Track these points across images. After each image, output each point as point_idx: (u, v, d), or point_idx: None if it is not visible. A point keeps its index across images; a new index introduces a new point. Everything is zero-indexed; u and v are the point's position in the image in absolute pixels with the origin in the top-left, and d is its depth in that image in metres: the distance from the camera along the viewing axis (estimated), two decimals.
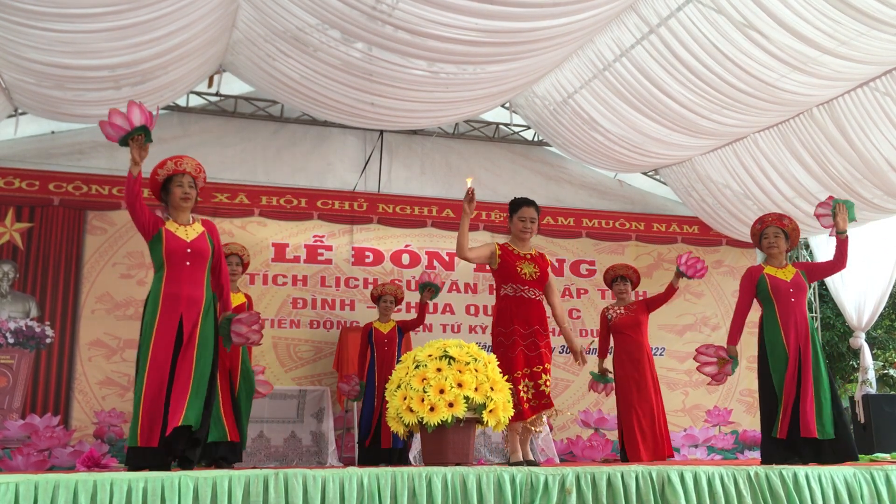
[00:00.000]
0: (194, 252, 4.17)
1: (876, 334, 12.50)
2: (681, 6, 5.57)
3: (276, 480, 3.17)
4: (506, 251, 4.83)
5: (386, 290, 6.74)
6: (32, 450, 6.55)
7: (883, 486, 4.01)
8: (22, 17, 4.72)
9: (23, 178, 7.07)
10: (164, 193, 4.28)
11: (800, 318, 4.85)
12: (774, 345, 4.83)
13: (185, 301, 4.09)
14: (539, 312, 4.76)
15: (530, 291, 4.74)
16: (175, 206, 4.25)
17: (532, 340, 4.65)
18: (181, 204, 4.25)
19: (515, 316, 4.68)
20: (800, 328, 4.83)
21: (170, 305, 4.06)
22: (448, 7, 5.21)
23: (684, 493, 3.65)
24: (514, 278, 4.74)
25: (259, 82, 6.82)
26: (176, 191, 4.24)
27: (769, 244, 5.04)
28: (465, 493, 3.39)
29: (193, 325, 4.06)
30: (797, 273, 4.99)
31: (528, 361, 4.62)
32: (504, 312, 4.74)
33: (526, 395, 4.55)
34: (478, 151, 8.52)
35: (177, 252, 4.14)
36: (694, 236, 8.92)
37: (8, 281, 6.89)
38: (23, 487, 2.87)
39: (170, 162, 4.26)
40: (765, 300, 4.94)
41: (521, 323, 4.67)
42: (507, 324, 4.68)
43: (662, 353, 8.46)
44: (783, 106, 6.45)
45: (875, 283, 8.59)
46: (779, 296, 4.88)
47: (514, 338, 4.63)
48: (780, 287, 4.90)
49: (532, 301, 4.75)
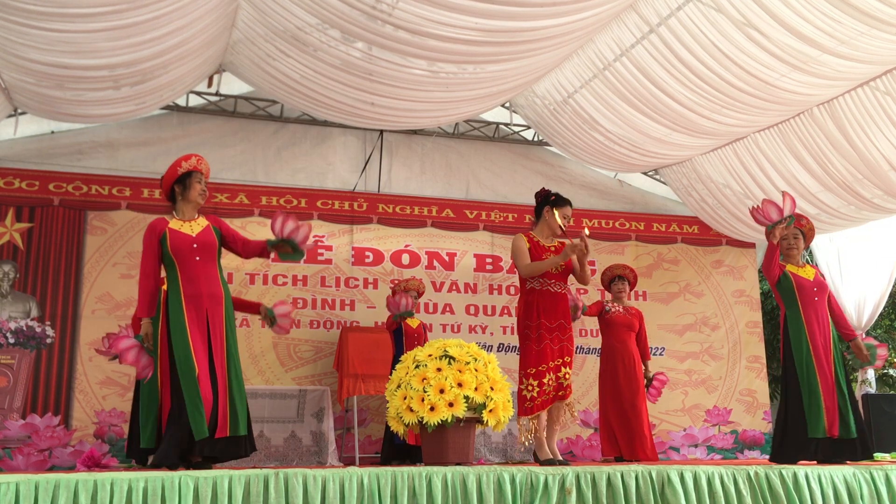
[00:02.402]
0: (201, 246, 4.18)
1: (876, 334, 12.48)
2: (681, 6, 5.57)
3: (277, 480, 3.18)
4: (533, 243, 4.81)
5: (410, 286, 6.88)
6: (33, 450, 6.56)
7: (883, 486, 4.01)
8: (22, 17, 4.71)
9: (23, 178, 7.07)
10: (180, 187, 4.27)
11: (822, 317, 4.90)
12: (800, 344, 4.85)
13: (207, 299, 4.12)
14: (564, 306, 4.77)
15: (556, 285, 4.74)
16: (191, 201, 4.27)
17: (557, 334, 4.66)
18: (198, 200, 4.28)
19: (543, 310, 4.68)
20: (824, 328, 4.87)
21: (193, 307, 4.08)
22: (448, 7, 5.21)
23: (684, 492, 3.66)
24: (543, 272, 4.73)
25: (259, 82, 6.81)
26: (196, 186, 4.27)
27: (789, 245, 5.06)
28: (465, 492, 3.39)
29: (221, 330, 4.10)
30: (817, 272, 5.05)
31: (553, 354, 4.63)
32: (531, 306, 4.73)
33: (548, 389, 4.57)
34: (478, 151, 8.52)
35: (183, 248, 4.15)
36: (694, 236, 8.92)
37: (8, 281, 6.89)
38: (23, 487, 2.87)
39: (193, 158, 4.29)
40: (789, 299, 4.95)
41: (548, 317, 4.67)
42: (535, 318, 4.67)
43: (662, 353, 8.46)
44: (783, 105, 6.45)
45: (875, 283, 8.59)
46: (803, 295, 4.91)
47: (541, 331, 4.63)
48: (805, 286, 4.93)
49: (558, 294, 4.75)
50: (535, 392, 4.51)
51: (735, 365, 8.69)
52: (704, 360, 8.63)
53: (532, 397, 4.52)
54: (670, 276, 8.72)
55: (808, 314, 4.87)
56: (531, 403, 4.52)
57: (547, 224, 4.87)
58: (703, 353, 8.63)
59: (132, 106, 6.40)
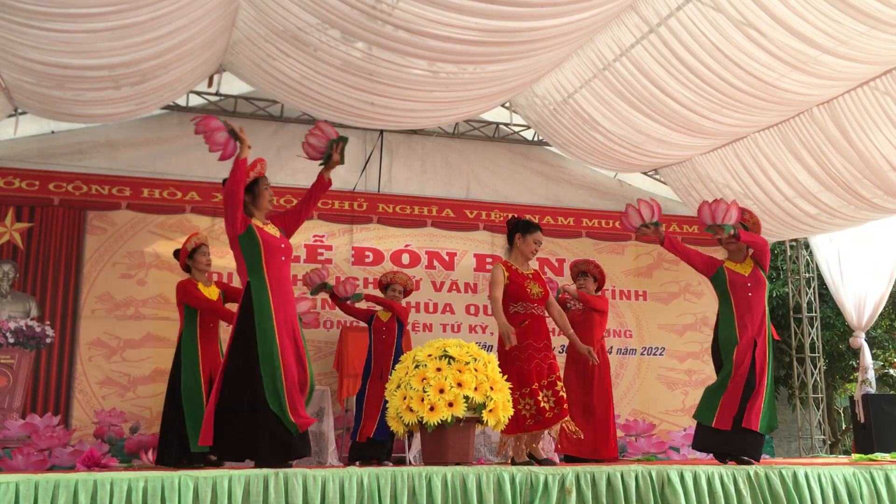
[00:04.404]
0: (287, 248, 4.27)
1: (876, 334, 12.49)
2: (681, 6, 5.57)
3: (276, 480, 3.18)
4: (512, 271, 4.92)
5: (396, 279, 6.73)
6: (32, 449, 6.56)
7: (883, 486, 4.01)
8: (22, 17, 4.71)
9: (23, 178, 7.07)
10: (250, 195, 4.29)
11: (756, 312, 4.90)
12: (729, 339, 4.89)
13: (292, 304, 4.23)
14: (546, 328, 4.94)
15: (538, 309, 4.92)
16: (263, 208, 4.31)
17: (545, 353, 4.80)
18: (268, 206, 4.33)
19: (529, 332, 4.80)
20: (755, 323, 4.87)
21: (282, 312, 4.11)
22: (448, 7, 5.21)
23: (684, 492, 3.66)
24: (524, 297, 4.87)
25: (259, 82, 6.82)
26: (265, 193, 4.32)
27: (728, 241, 5.04)
28: (465, 492, 3.40)
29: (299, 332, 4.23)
30: (756, 268, 5.01)
31: (544, 372, 4.76)
32: (516, 330, 4.82)
33: (548, 405, 4.65)
34: (478, 151, 8.52)
35: (275, 249, 4.18)
36: (694, 236, 8.90)
37: (8, 281, 6.90)
38: (23, 487, 2.87)
39: (259, 164, 4.34)
40: (722, 293, 5.00)
41: (534, 338, 4.80)
42: (522, 339, 4.76)
43: (662, 353, 8.46)
44: (783, 105, 6.45)
45: (875, 282, 8.59)
46: (736, 290, 4.94)
47: (529, 352, 4.76)
48: (737, 282, 4.95)
49: (540, 318, 4.91)
50: (534, 410, 4.59)
51: None
52: (704, 360, 8.61)
53: (532, 415, 4.60)
54: (670, 276, 8.71)
55: (740, 309, 4.89)
56: (532, 421, 4.60)
57: (520, 251, 4.99)
58: (703, 353, 8.63)
59: (132, 106, 6.40)
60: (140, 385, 6.96)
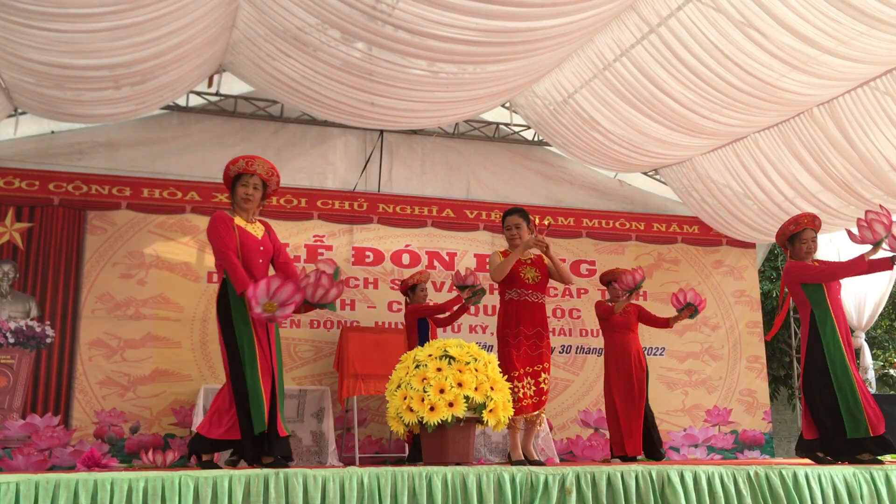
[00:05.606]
0: (265, 251, 4.27)
1: (876, 334, 12.49)
2: (681, 6, 5.57)
3: (277, 480, 3.18)
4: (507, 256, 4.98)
5: (422, 279, 6.99)
6: (33, 449, 6.56)
7: (883, 486, 4.01)
8: (22, 17, 4.71)
9: (23, 178, 7.07)
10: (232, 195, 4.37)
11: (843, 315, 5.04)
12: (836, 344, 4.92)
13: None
14: (542, 315, 4.96)
15: (533, 295, 4.90)
16: (240, 207, 4.32)
17: (534, 341, 4.83)
18: (242, 204, 4.32)
19: (521, 319, 4.85)
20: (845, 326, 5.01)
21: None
22: (448, 7, 5.21)
23: (684, 492, 3.66)
24: (518, 283, 4.89)
25: (259, 82, 6.81)
26: (240, 190, 4.32)
27: (808, 249, 5.09)
28: (465, 492, 3.39)
29: (273, 333, 4.17)
30: None
31: (531, 360, 4.80)
32: (510, 316, 4.91)
33: (529, 392, 4.73)
34: (478, 151, 8.52)
35: (252, 251, 4.20)
36: (694, 236, 8.92)
37: (8, 281, 6.89)
38: (23, 487, 2.87)
39: (241, 160, 4.34)
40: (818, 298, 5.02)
41: (526, 325, 4.84)
42: (513, 325, 4.84)
43: (662, 353, 8.46)
44: (783, 106, 6.45)
45: (875, 283, 8.59)
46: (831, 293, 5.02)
47: (520, 338, 4.82)
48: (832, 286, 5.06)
49: (535, 304, 4.92)
50: (514, 396, 4.63)
51: (735, 365, 8.69)
52: (704, 360, 8.63)
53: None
54: (670, 276, 8.71)
55: (837, 313, 4.98)
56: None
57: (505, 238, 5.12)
58: (703, 353, 8.64)
59: (132, 106, 6.40)
60: (140, 385, 6.96)
